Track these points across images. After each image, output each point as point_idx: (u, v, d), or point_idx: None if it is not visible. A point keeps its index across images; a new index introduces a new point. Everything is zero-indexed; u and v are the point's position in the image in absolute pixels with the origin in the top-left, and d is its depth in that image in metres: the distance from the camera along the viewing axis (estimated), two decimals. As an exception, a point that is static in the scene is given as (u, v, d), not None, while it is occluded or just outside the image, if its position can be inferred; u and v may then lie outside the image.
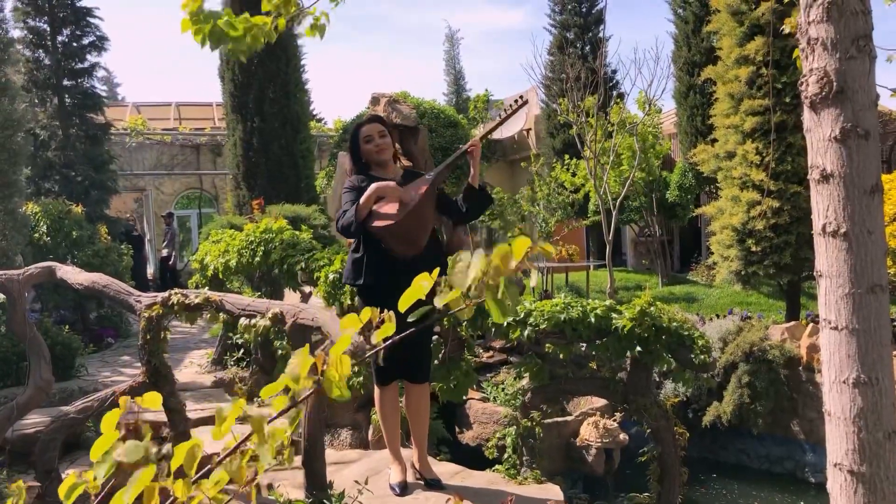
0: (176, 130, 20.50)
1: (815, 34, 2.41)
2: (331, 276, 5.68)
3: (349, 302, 5.54)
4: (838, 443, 2.32)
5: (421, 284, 1.16)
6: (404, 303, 1.14)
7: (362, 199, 3.62)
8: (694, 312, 9.76)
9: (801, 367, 7.67)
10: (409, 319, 1.15)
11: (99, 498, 1.19)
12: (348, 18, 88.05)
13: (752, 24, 8.36)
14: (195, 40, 3.37)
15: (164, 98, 24.56)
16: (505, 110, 4.37)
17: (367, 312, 1.16)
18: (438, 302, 1.11)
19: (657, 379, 7.59)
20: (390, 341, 1.19)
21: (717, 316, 9.03)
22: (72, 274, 4.97)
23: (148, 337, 4.44)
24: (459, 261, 1.12)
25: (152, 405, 1.37)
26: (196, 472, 1.11)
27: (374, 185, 3.65)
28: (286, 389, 1.17)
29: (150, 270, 18.37)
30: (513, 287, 1.12)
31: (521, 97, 4.38)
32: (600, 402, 6.72)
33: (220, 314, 4.37)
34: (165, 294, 4.44)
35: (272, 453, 1.14)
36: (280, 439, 1.16)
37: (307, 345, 1.19)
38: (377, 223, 3.57)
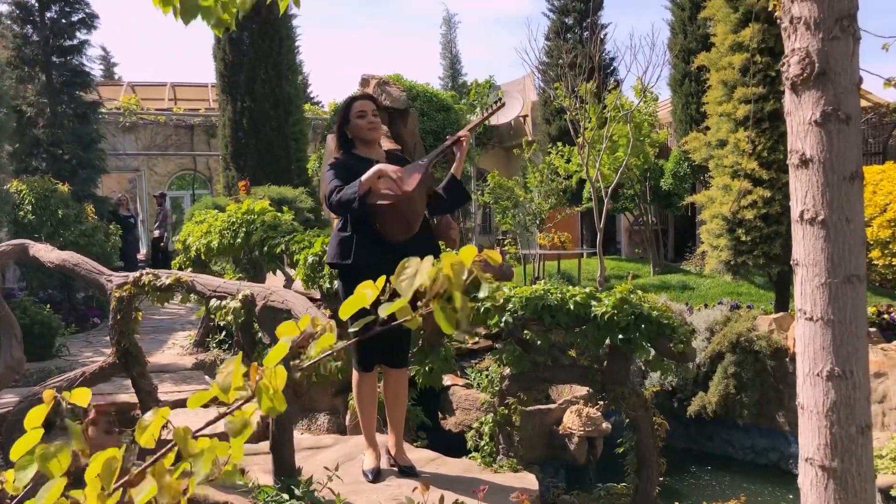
0: (170, 111, 20.33)
1: (798, 13, 2.31)
2: (310, 259, 5.58)
3: (328, 285, 5.45)
4: (810, 437, 2.25)
5: (364, 293, 1.08)
6: (345, 311, 1.07)
7: (366, 176, 3.50)
8: (684, 302, 9.69)
9: (787, 359, 7.60)
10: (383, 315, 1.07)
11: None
12: (349, 2, 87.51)
13: (746, 11, 8.24)
14: (163, 13, 3.26)
15: (160, 78, 24.35)
16: (491, 106, 4.34)
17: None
18: (382, 311, 1.02)
19: (642, 368, 7.52)
20: (367, 334, 1.12)
21: (706, 306, 8.96)
22: (44, 252, 4.88)
23: (119, 317, 4.35)
24: (406, 267, 1.04)
25: (81, 401, 1.29)
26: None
27: (378, 165, 3.56)
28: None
29: (143, 251, 18.28)
30: (464, 299, 1.04)
31: (499, 99, 4.39)
32: (584, 390, 6.64)
33: (192, 295, 4.29)
34: (136, 274, 4.35)
35: (206, 468, 1.06)
36: (219, 455, 1.08)
37: (240, 354, 1.10)
38: (381, 200, 3.49)
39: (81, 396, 1.28)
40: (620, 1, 41.76)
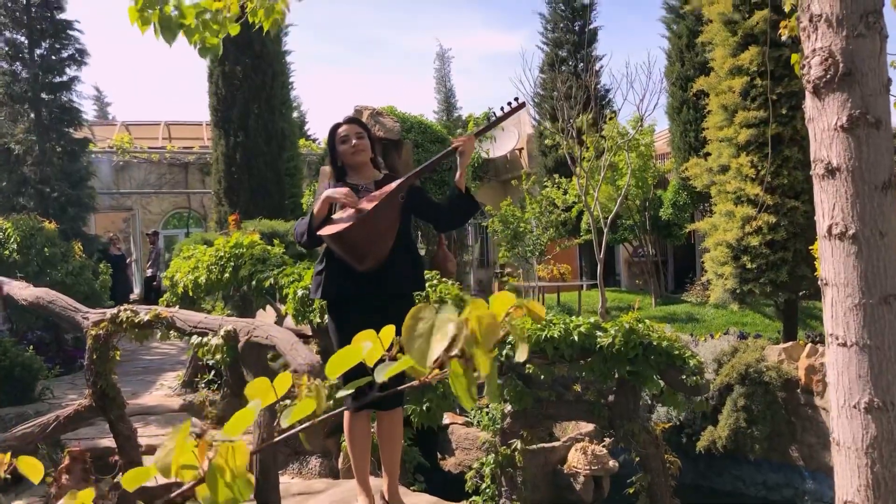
0: (164, 149, 20.23)
1: (818, 10, 2.12)
2: (299, 293, 5.34)
3: (318, 320, 5.21)
4: (848, 476, 2.01)
5: (357, 348, 0.84)
6: (332, 370, 0.85)
7: (315, 206, 3.31)
8: (688, 333, 9.44)
9: (799, 390, 7.33)
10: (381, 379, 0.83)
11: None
12: (344, 40, 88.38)
13: (745, 34, 8.10)
14: (141, 31, 3.05)
15: (155, 118, 24.33)
16: (494, 114, 4.10)
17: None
18: (380, 375, 0.80)
19: (649, 402, 7.25)
20: (362, 402, 0.87)
21: (712, 336, 8.70)
22: (18, 289, 4.65)
23: (94, 357, 4.10)
24: (420, 319, 0.80)
25: (30, 473, 1.08)
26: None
27: (327, 191, 3.34)
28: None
29: (137, 290, 18.04)
30: (493, 364, 0.80)
31: (516, 99, 4.11)
32: (589, 426, 6.37)
33: (175, 333, 4.05)
34: (113, 310, 4.11)
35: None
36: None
37: (188, 423, 0.83)
38: (324, 231, 3.25)
39: (31, 468, 1.06)
40: (615, 31, 42.14)
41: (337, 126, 3.71)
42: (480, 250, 20.79)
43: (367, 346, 0.83)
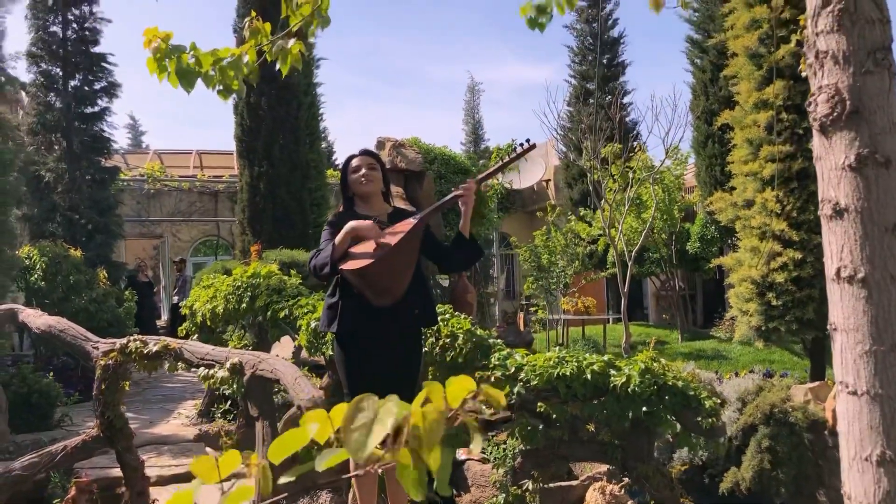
0: (194, 177, 20.51)
1: (824, 46, 2.06)
2: (312, 324, 5.31)
3: (331, 352, 5.16)
4: (860, 535, 1.91)
5: (303, 431, 0.79)
6: (275, 454, 0.80)
7: (338, 238, 3.29)
8: (713, 370, 9.24)
9: (826, 432, 7.10)
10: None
11: None
12: (376, 71, 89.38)
13: (770, 68, 8.01)
14: (159, 80, 3.07)
15: (188, 146, 24.72)
16: (508, 154, 4.05)
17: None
18: (319, 465, 0.76)
19: (670, 440, 7.07)
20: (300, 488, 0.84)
21: (736, 374, 8.50)
22: (32, 317, 4.67)
23: (103, 387, 4.08)
24: (360, 410, 0.76)
25: None
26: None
27: (351, 223, 3.31)
28: None
29: (165, 318, 18.18)
30: (446, 454, 0.75)
31: (528, 140, 4.07)
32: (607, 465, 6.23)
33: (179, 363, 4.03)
34: (123, 340, 4.10)
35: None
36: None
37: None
38: (346, 265, 3.21)
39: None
40: (639, 65, 42.17)
41: (351, 157, 3.73)
42: (506, 281, 20.69)
43: (314, 427, 0.78)
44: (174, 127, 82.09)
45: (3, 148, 7.55)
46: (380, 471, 3.82)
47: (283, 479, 0.80)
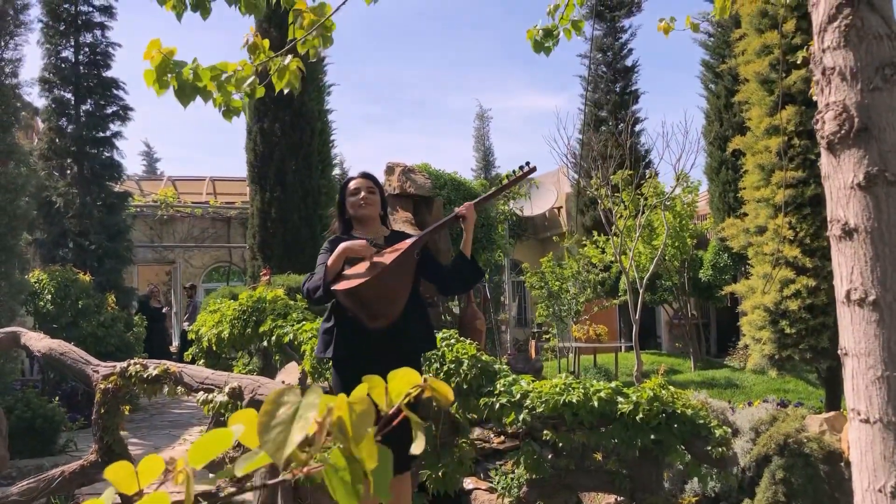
0: (207, 204, 20.60)
1: (831, 63, 2.01)
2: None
3: (334, 378, 5.10)
4: (874, 569, 1.82)
5: (227, 434, 0.74)
6: (195, 458, 0.76)
7: (331, 259, 3.23)
8: (726, 399, 9.08)
9: (842, 463, 6.93)
10: None
11: None
12: (391, 100, 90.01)
13: (782, 93, 7.95)
14: (157, 94, 3.05)
15: (202, 173, 24.88)
16: (508, 177, 4.00)
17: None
18: (238, 470, 0.71)
19: (681, 470, 6.92)
20: None
21: (750, 403, 8.34)
22: (34, 341, 4.64)
23: (102, 411, 4.03)
24: (281, 404, 0.69)
25: None
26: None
27: (344, 243, 3.26)
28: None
29: (176, 343, 18.19)
30: (383, 452, 0.69)
31: (527, 163, 4.00)
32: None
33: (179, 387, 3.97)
34: (123, 364, 4.06)
35: None
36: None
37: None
38: (338, 286, 3.15)
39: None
40: (652, 91, 42.17)
41: (350, 179, 3.69)
42: (518, 309, 20.56)
43: (239, 429, 0.72)
44: (189, 154, 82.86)
45: (16, 173, 7.58)
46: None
47: (199, 487, 0.75)
